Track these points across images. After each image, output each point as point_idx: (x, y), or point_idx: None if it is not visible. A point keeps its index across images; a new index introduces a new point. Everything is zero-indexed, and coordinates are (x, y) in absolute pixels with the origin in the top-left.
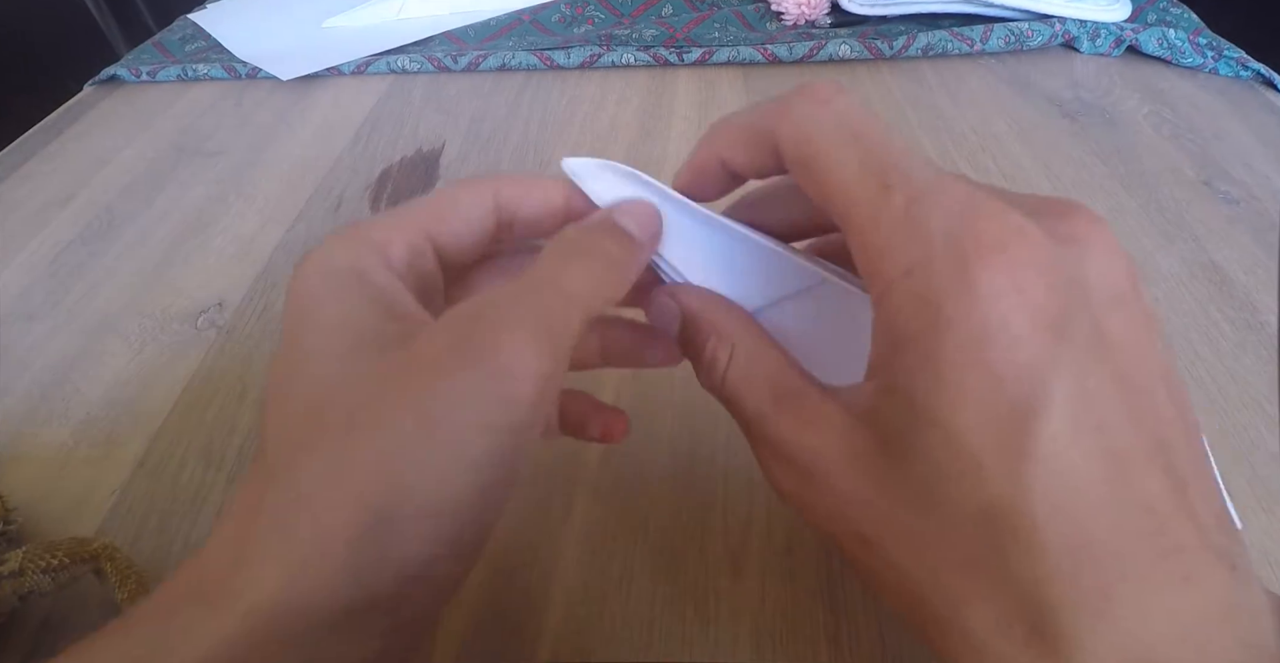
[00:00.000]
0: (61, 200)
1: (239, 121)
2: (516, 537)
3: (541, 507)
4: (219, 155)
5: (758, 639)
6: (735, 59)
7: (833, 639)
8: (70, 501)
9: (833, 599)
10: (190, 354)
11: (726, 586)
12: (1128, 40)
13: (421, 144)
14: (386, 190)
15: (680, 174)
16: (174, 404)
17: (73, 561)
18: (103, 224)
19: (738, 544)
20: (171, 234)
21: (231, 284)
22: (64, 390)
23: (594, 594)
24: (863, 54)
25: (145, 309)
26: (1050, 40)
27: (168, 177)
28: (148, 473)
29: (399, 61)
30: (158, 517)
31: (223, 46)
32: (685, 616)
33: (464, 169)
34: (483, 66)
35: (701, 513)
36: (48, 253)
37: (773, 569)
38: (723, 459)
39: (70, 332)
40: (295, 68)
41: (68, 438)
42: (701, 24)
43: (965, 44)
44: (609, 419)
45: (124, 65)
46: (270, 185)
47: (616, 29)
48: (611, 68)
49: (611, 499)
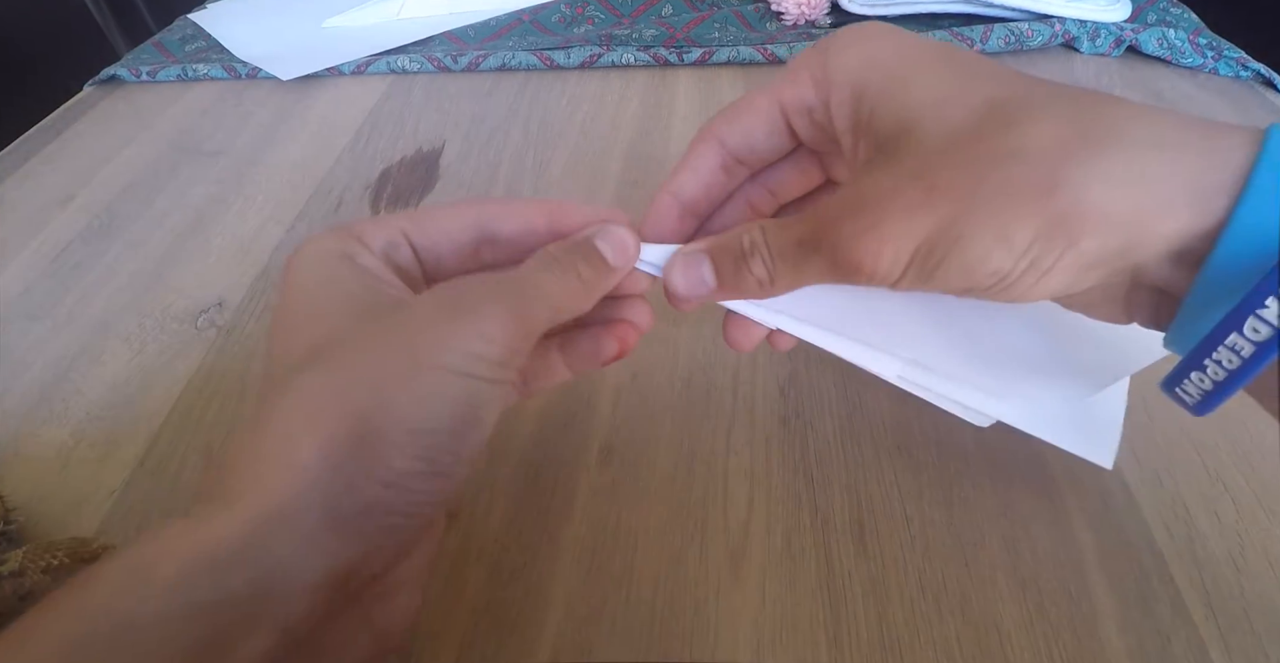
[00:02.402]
0: (61, 200)
1: (239, 121)
2: (516, 537)
3: (541, 507)
4: (219, 155)
5: (758, 639)
6: (735, 59)
7: (833, 639)
8: (70, 501)
9: (833, 599)
10: (190, 354)
11: (726, 586)
12: (1128, 40)
13: (421, 144)
14: (386, 190)
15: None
16: (174, 404)
17: (73, 561)
18: (103, 224)
19: (738, 544)
20: (171, 234)
21: (231, 284)
22: (64, 390)
23: (594, 594)
24: None
25: (145, 309)
26: (1050, 40)
27: (168, 177)
28: (148, 473)
29: (399, 61)
30: (158, 517)
31: (223, 46)
32: (685, 616)
33: (464, 169)
34: (483, 66)
35: (701, 513)
36: (48, 253)
37: (773, 569)
38: (723, 459)
39: (70, 332)
40: (295, 68)
41: (68, 438)
42: (701, 24)
43: (965, 44)
44: (619, 331)
45: (124, 65)
46: (270, 185)
47: (616, 29)
48: (611, 68)
49: (611, 499)
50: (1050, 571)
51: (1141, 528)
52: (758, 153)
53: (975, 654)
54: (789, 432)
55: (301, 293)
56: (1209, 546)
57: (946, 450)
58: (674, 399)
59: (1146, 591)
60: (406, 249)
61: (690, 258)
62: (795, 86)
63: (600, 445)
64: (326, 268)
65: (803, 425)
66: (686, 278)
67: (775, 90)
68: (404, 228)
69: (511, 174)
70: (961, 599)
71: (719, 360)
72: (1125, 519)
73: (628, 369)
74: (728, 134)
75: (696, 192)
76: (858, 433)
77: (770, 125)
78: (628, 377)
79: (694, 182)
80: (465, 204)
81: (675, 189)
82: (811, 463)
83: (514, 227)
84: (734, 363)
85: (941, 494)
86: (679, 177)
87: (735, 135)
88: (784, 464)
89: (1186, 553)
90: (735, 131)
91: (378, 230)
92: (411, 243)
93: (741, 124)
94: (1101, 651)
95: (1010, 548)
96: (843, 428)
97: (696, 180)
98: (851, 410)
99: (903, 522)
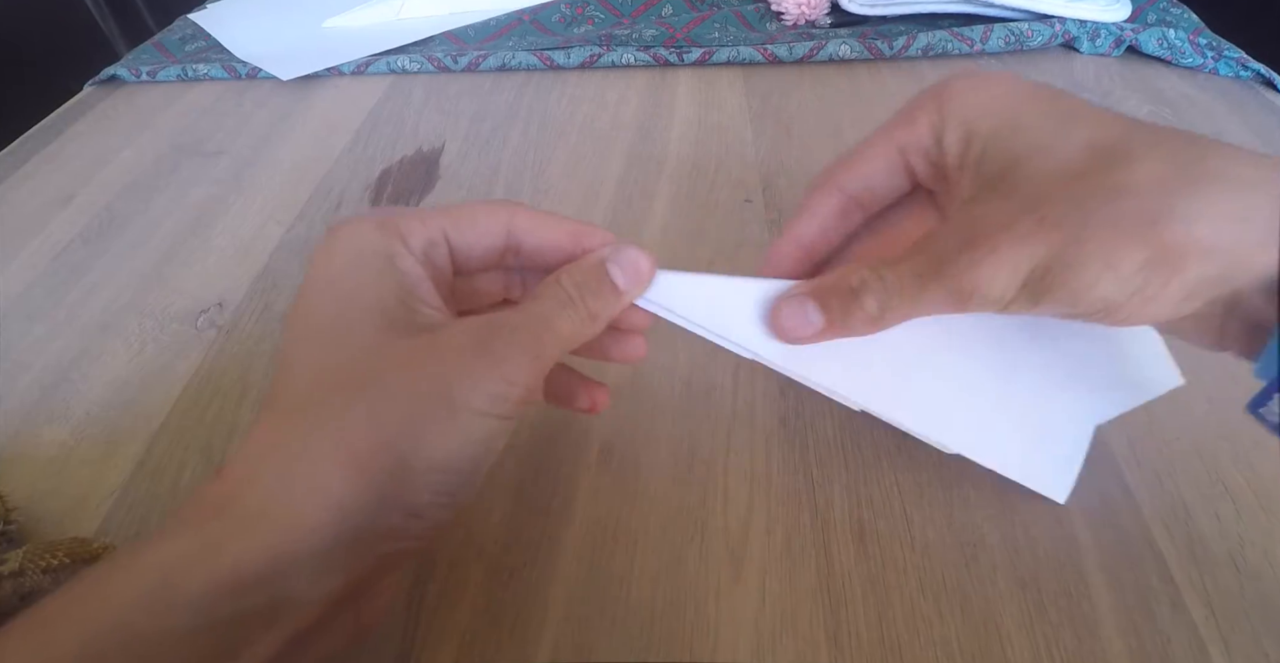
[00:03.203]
0: (61, 200)
1: (239, 121)
2: (516, 537)
3: (541, 507)
4: (219, 155)
5: (758, 639)
6: (735, 59)
7: (833, 639)
8: (70, 500)
9: (833, 599)
10: (190, 354)
11: (726, 586)
12: (1128, 40)
13: (421, 144)
14: (386, 190)
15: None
16: (174, 404)
17: (73, 561)
18: (103, 224)
19: (738, 544)
20: (171, 234)
21: (231, 284)
22: (64, 390)
23: (594, 594)
24: (863, 54)
25: (145, 309)
26: (1050, 40)
27: (168, 177)
28: (148, 473)
29: (399, 61)
30: (158, 517)
31: (223, 46)
32: (685, 616)
33: (464, 169)
34: (483, 66)
35: (701, 513)
36: (48, 253)
37: (773, 569)
38: (723, 459)
39: (70, 332)
40: (295, 68)
41: (68, 438)
42: (701, 24)
43: (965, 44)
44: (594, 393)
45: (124, 65)
46: (270, 185)
47: (616, 29)
48: (611, 68)
49: (611, 499)
50: (1050, 571)
51: (1141, 528)
52: (876, 193)
53: (975, 654)
54: (789, 432)
55: (332, 293)
56: (1209, 546)
57: None
58: (674, 399)
59: (1146, 591)
60: (444, 249)
61: (793, 301)
62: (912, 128)
63: (600, 445)
64: (364, 269)
65: (803, 425)
66: (794, 319)
67: (891, 134)
68: (444, 226)
69: (511, 174)
70: (961, 599)
71: (719, 360)
72: (1125, 519)
73: (628, 369)
74: (847, 179)
75: (815, 235)
76: (858, 433)
77: (889, 166)
78: (628, 377)
79: (813, 226)
80: (500, 207)
81: (798, 234)
82: (811, 463)
83: (540, 240)
84: (734, 363)
85: (941, 494)
86: (800, 221)
87: (855, 179)
88: (784, 464)
89: (1186, 553)
90: (855, 176)
91: (420, 228)
92: (450, 243)
93: (861, 168)
94: (1101, 651)
95: (1010, 548)
96: (843, 428)
97: (815, 225)
98: (851, 410)
99: (903, 522)
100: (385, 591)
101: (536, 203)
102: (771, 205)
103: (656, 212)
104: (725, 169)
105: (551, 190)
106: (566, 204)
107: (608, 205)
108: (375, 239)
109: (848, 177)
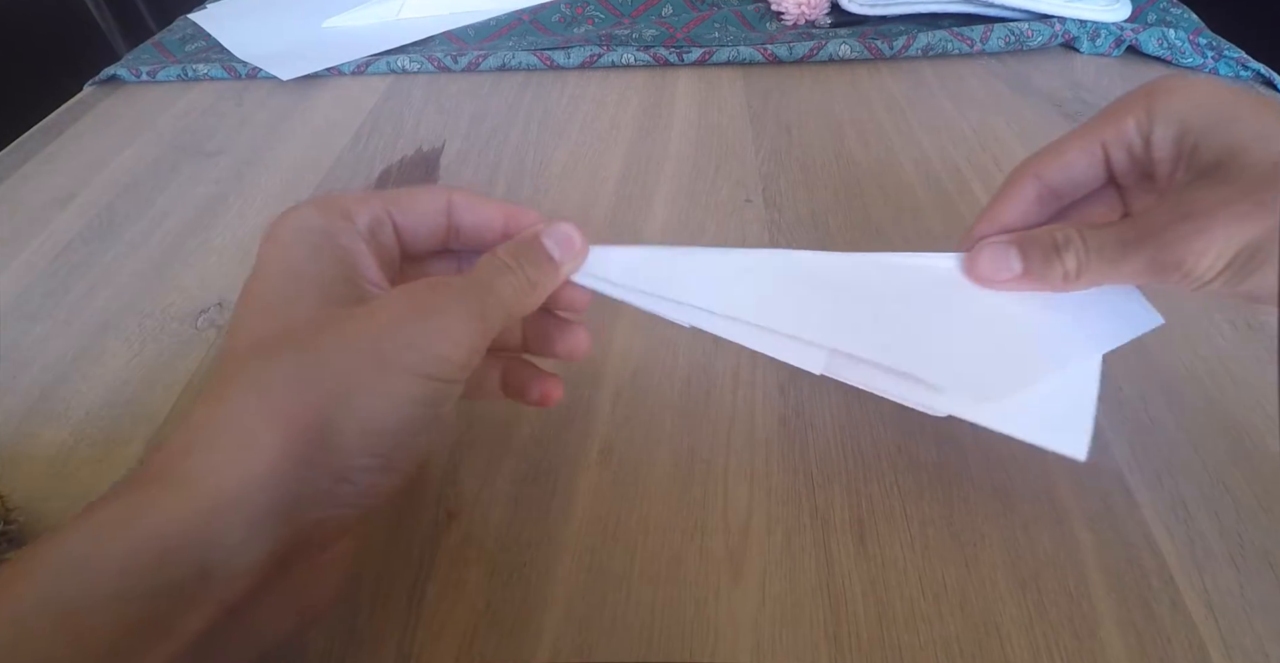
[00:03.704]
0: (61, 200)
1: (239, 121)
2: (516, 537)
3: (541, 507)
4: (219, 155)
5: (758, 639)
6: (735, 59)
7: (833, 639)
8: (70, 501)
9: (832, 599)
10: (190, 354)
11: (726, 585)
12: (1128, 40)
13: (421, 144)
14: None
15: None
16: (174, 404)
17: None
18: (103, 224)
19: (738, 544)
20: (171, 234)
21: (231, 284)
22: (64, 390)
23: (594, 594)
24: (863, 54)
25: (145, 309)
26: (1050, 40)
27: (168, 177)
28: None
29: (399, 61)
30: None
31: (223, 46)
32: (685, 616)
33: (464, 169)
34: (483, 66)
35: (701, 513)
36: (48, 253)
37: (773, 569)
38: (723, 459)
39: (70, 332)
40: (295, 68)
41: (68, 438)
42: (701, 24)
43: (965, 44)
44: (546, 385)
45: (124, 65)
46: (270, 185)
47: (616, 29)
48: (611, 68)
49: (611, 499)
50: (1050, 571)
51: (1141, 528)
52: (1074, 183)
53: (975, 654)
54: (789, 432)
55: (276, 270)
56: (1209, 546)
57: (946, 450)
58: (674, 399)
59: (1146, 591)
60: (390, 228)
61: (999, 247)
62: (1118, 125)
63: (600, 445)
64: (306, 246)
65: (803, 425)
66: (994, 262)
67: (1095, 130)
68: (388, 206)
69: (511, 174)
70: (961, 599)
71: (719, 360)
72: (1125, 519)
73: (628, 369)
74: (1045, 169)
75: (1014, 218)
76: (858, 433)
77: (1090, 159)
78: (628, 377)
79: (1013, 210)
80: (438, 190)
81: (995, 216)
82: (811, 463)
83: (474, 221)
84: (734, 363)
85: (941, 494)
86: (1000, 205)
87: (1054, 170)
88: (784, 464)
89: (1186, 553)
90: (1054, 166)
91: (363, 207)
92: (395, 223)
93: (1062, 159)
94: (1101, 651)
95: (1010, 548)
96: (843, 428)
97: (1015, 209)
98: (851, 410)
99: (903, 522)
100: (329, 572)
101: (537, 203)
102: (771, 205)
103: (656, 211)
104: (725, 169)
105: (551, 190)
106: (567, 204)
107: (608, 205)
108: (317, 218)
109: (1048, 167)
